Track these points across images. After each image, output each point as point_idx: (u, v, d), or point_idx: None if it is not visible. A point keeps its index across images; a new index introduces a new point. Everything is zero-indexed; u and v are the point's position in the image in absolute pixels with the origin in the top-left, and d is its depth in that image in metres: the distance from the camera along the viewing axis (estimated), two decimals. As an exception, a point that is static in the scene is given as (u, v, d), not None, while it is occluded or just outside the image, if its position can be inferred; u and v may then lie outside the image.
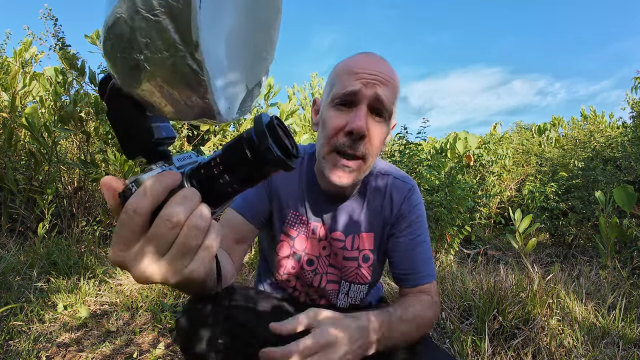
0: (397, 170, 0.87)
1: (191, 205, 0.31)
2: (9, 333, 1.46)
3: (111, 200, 0.32)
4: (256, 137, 0.32)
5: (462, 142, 4.16)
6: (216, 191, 0.34)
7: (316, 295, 0.88)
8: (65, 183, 3.08)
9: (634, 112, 4.36)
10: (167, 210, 0.30)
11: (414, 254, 0.81)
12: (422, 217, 0.84)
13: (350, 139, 0.68)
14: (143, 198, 0.30)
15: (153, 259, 0.31)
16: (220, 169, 0.33)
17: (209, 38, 0.32)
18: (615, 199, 2.58)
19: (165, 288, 1.84)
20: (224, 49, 0.39)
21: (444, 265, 2.32)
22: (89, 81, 2.90)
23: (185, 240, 0.30)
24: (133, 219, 0.30)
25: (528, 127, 7.62)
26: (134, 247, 0.31)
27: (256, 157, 0.32)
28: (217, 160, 0.34)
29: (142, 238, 0.31)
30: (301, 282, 0.86)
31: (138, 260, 0.30)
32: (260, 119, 0.33)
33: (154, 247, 0.30)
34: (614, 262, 2.22)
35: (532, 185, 3.80)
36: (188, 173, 0.34)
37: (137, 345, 1.47)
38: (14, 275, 1.95)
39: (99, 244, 2.57)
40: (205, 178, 0.34)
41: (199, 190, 0.33)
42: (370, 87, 0.68)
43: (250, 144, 0.33)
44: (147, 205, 0.30)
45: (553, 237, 3.64)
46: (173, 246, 0.30)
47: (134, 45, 0.29)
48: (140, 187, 0.31)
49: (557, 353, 1.33)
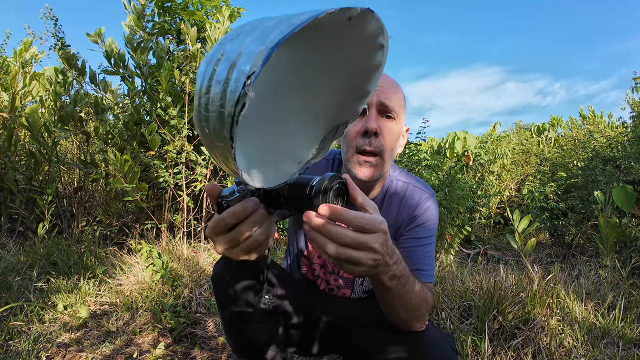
0: (418, 180, 0.97)
1: (258, 225, 0.49)
2: (9, 333, 1.46)
3: (212, 202, 0.52)
4: (314, 193, 0.46)
5: (460, 142, 4.17)
6: (276, 204, 0.50)
7: (335, 284, 0.99)
8: (65, 183, 3.08)
9: (634, 112, 4.36)
10: (243, 227, 0.48)
11: (418, 252, 0.86)
12: (432, 222, 0.90)
13: (366, 137, 0.81)
14: (231, 217, 0.48)
15: (228, 247, 0.50)
16: (285, 194, 0.49)
17: (252, 148, 0.48)
18: (615, 199, 2.58)
19: (165, 288, 1.84)
20: (279, 129, 0.53)
21: (444, 265, 2.32)
22: (89, 81, 2.90)
23: (249, 245, 0.50)
24: (223, 225, 0.48)
25: (527, 127, 7.63)
26: (219, 236, 0.50)
27: (306, 205, 0.47)
28: (285, 187, 0.49)
29: (225, 234, 0.49)
30: (324, 270, 0.99)
31: (219, 245, 0.50)
32: (324, 180, 0.47)
33: (230, 242, 0.50)
34: (613, 262, 2.22)
35: (532, 185, 3.80)
36: (264, 189, 0.50)
37: (137, 345, 1.47)
38: (14, 275, 1.95)
39: (99, 244, 2.57)
40: (274, 197, 0.50)
41: (266, 200, 0.50)
42: (375, 96, 0.82)
43: (308, 194, 0.47)
44: (232, 222, 0.48)
45: (553, 237, 3.64)
46: (239, 246, 0.50)
47: (201, 136, 0.42)
48: (232, 209, 0.48)
49: (557, 353, 1.33)
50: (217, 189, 0.51)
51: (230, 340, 0.92)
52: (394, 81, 0.87)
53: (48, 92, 2.99)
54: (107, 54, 2.76)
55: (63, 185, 3.04)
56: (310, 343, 0.96)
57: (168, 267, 1.94)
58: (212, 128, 0.37)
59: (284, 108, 0.51)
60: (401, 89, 0.88)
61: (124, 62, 2.83)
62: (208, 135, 0.38)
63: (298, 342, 0.94)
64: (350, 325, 0.91)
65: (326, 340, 0.95)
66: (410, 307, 0.66)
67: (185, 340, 1.52)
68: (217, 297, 0.85)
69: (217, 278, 0.84)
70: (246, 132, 0.45)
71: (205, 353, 1.43)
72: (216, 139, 0.37)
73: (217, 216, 0.49)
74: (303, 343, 0.96)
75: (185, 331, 1.56)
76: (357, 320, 0.91)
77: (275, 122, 0.51)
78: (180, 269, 2.03)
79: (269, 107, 0.49)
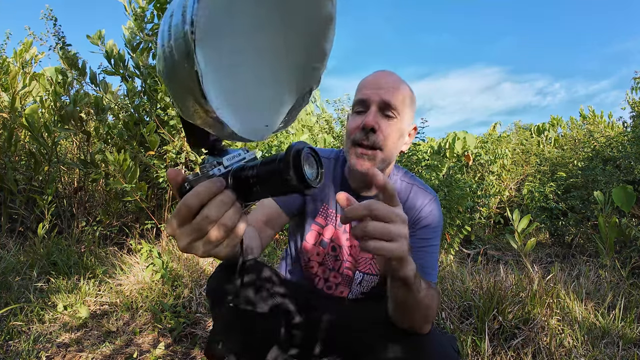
0: (421, 182, 0.98)
1: (225, 208, 0.41)
2: (9, 333, 1.46)
3: (174, 190, 0.45)
4: (283, 165, 0.40)
5: (460, 142, 4.17)
6: (249, 194, 0.43)
7: (334, 282, 0.99)
8: (65, 183, 3.08)
9: (634, 112, 4.36)
10: (207, 210, 0.41)
11: (422, 254, 0.86)
12: (437, 225, 0.91)
13: (364, 133, 0.83)
14: (194, 198, 0.41)
15: (192, 239, 0.42)
16: (255, 180, 0.42)
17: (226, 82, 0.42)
18: (614, 198, 2.58)
19: (165, 288, 1.84)
20: (253, 73, 0.48)
21: (444, 265, 2.32)
22: (89, 81, 2.90)
23: (216, 233, 0.41)
24: (185, 210, 0.41)
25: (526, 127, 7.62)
26: (182, 228, 0.42)
27: (279, 182, 0.41)
28: (254, 171, 0.42)
29: (188, 224, 0.42)
30: (323, 267, 0.98)
31: (182, 238, 0.42)
32: (291, 149, 0.41)
33: (194, 233, 0.41)
34: (613, 261, 2.22)
35: (532, 185, 3.80)
36: (232, 172, 0.44)
37: (137, 345, 1.47)
38: (14, 275, 1.95)
39: (99, 244, 2.57)
40: (243, 180, 0.43)
41: (236, 189, 0.43)
42: (377, 94, 0.84)
43: (277, 169, 0.41)
44: (195, 204, 0.41)
45: (553, 237, 3.64)
46: (207, 235, 0.41)
47: (172, 98, 0.40)
48: (194, 189, 0.41)
49: (557, 353, 1.33)
50: (181, 174, 0.45)
51: (227, 343, 0.89)
52: (398, 79, 0.88)
53: (48, 92, 2.98)
54: (107, 54, 2.77)
55: (63, 185, 3.04)
56: (312, 344, 0.95)
57: (168, 267, 1.94)
58: (176, 55, 0.35)
59: (254, 59, 0.49)
60: (408, 87, 0.88)
61: (123, 63, 2.84)
62: (174, 72, 0.36)
63: (300, 342, 0.94)
64: (351, 326, 0.90)
65: (327, 341, 0.95)
66: (424, 306, 0.66)
67: (185, 340, 1.52)
68: (213, 299, 0.84)
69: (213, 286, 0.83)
70: (215, 55, 0.40)
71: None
72: (179, 67, 0.35)
73: (179, 206, 0.42)
74: (305, 344, 0.95)
75: (185, 331, 1.56)
76: (358, 322, 0.90)
77: (247, 67, 0.48)
78: (180, 269, 2.04)
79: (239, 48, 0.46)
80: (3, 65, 3.08)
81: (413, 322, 0.70)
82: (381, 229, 0.49)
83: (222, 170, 0.44)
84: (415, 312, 0.66)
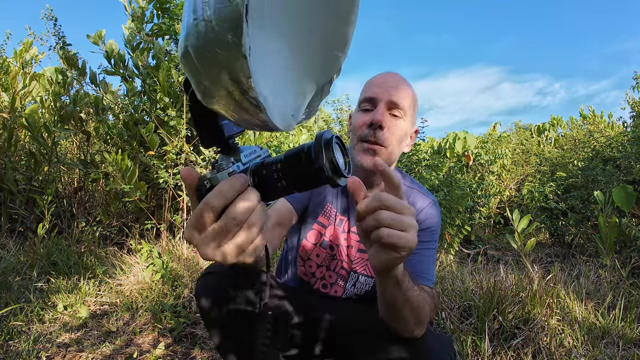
0: (421, 187, 1.00)
1: (252, 207, 0.38)
2: (9, 333, 1.46)
3: (189, 190, 0.40)
4: (314, 154, 0.37)
5: (460, 142, 4.17)
6: (272, 190, 0.40)
7: (329, 281, 0.99)
8: (65, 183, 3.08)
9: (634, 112, 4.36)
10: (233, 210, 0.37)
11: (419, 256, 0.86)
12: (436, 228, 0.92)
13: (371, 129, 0.84)
14: (217, 198, 0.37)
15: (217, 245, 0.38)
16: (280, 174, 0.39)
17: (259, 68, 0.36)
18: (614, 198, 2.58)
19: (165, 288, 1.84)
20: (283, 57, 0.44)
21: (444, 265, 2.32)
22: (89, 81, 2.90)
23: (244, 235, 0.38)
24: (208, 212, 0.37)
25: (526, 127, 7.62)
26: (204, 232, 0.38)
27: (310, 172, 0.38)
28: (277, 165, 0.39)
29: (211, 227, 0.37)
30: (322, 267, 0.98)
31: (205, 244, 0.38)
32: (321, 137, 0.38)
33: (219, 236, 0.37)
34: (613, 261, 2.22)
35: (532, 185, 3.80)
36: (252, 169, 0.41)
37: (137, 345, 1.47)
38: (14, 275, 1.95)
39: (99, 244, 2.57)
40: (266, 177, 0.40)
41: (258, 187, 0.40)
42: (386, 93, 0.86)
43: (308, 159, 0.38)
44: (219, 204, 0.37)
45: (553, 237, 3.64)
46: (234, 239, 0.37)
47: (199, 79, 0.34)
48: (216, 188, 0.37)
49: (557, 353, 1.33)
50: (196, 173, 0.40)
51: (226, 347, 0.85)
52: (406, 82, 0.90)
53: (48, 92, 2.98)
54: (107, 54, 2.77)
55: (63, 185, 3.04)
56: (312, 344, 0.95)
57: (168, 267, 1.94)
58: (217, 27, 0.31)
59: (289, 42, 0.45)
60: (412, 89, 0.90)
61: (123, 63, 2.84)
62: (210, 47, 0.32)
63: (300, 342, 0.94)
64: (351, 327, 0.90)
65: (327, 341, 0.95)
66: (415, 306, 0.66)
67: (185, 340, 1.52)
68: (211, 301, 0.81)
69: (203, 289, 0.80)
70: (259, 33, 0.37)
71: (206, 353, 1.43)
72: (221, 40, 0.31)
73: (199, 205, 0.38)
74: (305, 344, 0.95)
75: (185, 331, 1.56)
76: (358, 322, 0.90)
77: (283, 49, 0.44)
78: (180, 269, 2.03)
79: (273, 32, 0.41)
80: (3, 65, 3.09)
81: (404, 323, 0.69)
82: (395, 218, 0.48)
83: (242, 167, 0.41)
84: (404, 311, 0.66)
